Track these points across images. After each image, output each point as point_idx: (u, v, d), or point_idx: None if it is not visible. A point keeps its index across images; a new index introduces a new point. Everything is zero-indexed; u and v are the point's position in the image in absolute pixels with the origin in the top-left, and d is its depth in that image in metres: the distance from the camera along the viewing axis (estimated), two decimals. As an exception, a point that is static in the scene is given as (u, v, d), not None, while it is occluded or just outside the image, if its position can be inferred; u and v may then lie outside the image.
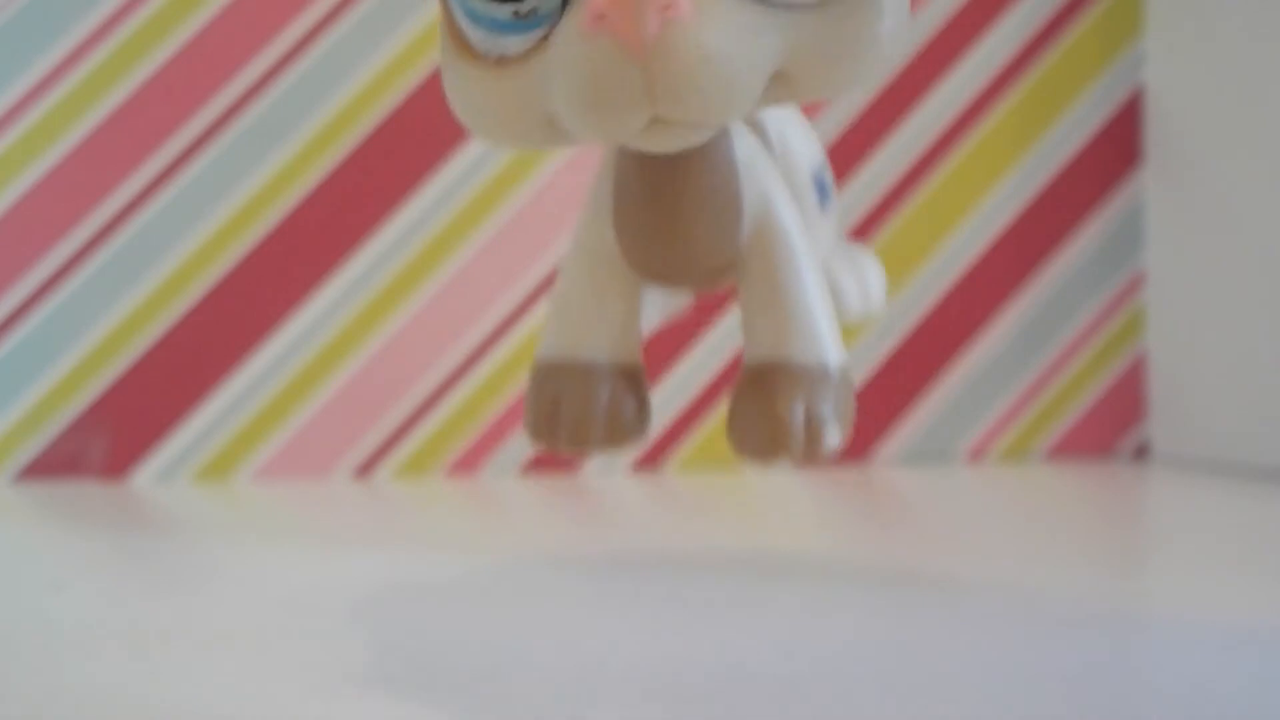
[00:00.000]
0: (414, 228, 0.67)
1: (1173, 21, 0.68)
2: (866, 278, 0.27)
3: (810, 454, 0.22)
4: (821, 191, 0.24)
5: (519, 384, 0.67)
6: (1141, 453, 0.70)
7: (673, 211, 0.21)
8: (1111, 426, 0.70)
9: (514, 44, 0.19)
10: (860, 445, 0.69)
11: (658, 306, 0.25)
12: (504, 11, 0.19)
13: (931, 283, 0.70)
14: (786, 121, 0.24)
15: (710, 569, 0.41)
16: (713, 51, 0.18)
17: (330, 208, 0.67)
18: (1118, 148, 0.71)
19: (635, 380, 0.23)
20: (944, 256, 0.70)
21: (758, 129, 0.23)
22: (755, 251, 0.22)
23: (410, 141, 0.67)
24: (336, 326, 0.67)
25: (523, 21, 0.19)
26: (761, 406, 0.21)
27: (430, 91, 0.67)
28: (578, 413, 0.23)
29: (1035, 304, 0.70)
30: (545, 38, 0.19)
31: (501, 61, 0.20)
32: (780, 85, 0.19)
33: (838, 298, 0.23)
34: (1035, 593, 0.38)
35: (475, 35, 0.20)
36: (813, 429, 0.21)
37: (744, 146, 0.22)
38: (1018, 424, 0.70)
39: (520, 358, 0.67)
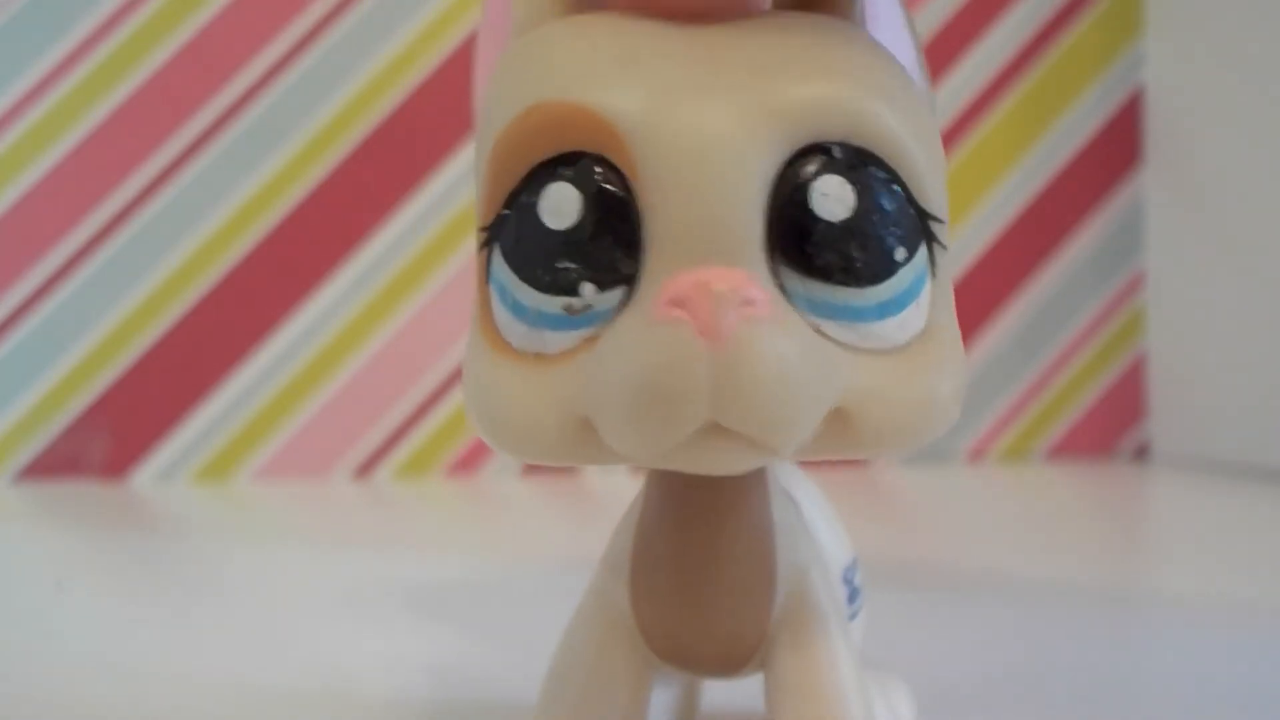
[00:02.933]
0: (414, 227, 0.67)
1: (1173, 21, 0.68)
2: (894, 702, 0.24)
3: None
4: (850, 592, 0.22)
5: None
6: (1141, 453, 0.70)
7: (700, 571, 0.19)
8: (1111, 426, 0.70)
9: (557, 341, 0.17)
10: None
11: (665, 703, 0.22)
12: (554, 305, 0.17)
13: (931, 283, 0.70)
14: (820, 510, 0.22)
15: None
16: (785, 356, 0.16)
17: (330, 208, 0.67)
18: (1118, 148, 0.71)
19: None
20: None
21: (792, 503, 0.21)
22: (785, 629, 0.20)
23: (410, 142, 0.67)
24: (336, 326, 0.67)
25: (573, 318, 0.17)
26: None
27: (431, 92, 0.67)
28: None
29: (1035, 304, 0.70)
30: (591, 338, 0.17)
31: (539, 358, 0.18)
32: (836, 424, 0.17)
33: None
34: (1035, 593, 0.38)
35: (515, 330, 0.18)
36: None
37: (781, 509, 0.20)
38: (1018, 424, 0.70)
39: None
